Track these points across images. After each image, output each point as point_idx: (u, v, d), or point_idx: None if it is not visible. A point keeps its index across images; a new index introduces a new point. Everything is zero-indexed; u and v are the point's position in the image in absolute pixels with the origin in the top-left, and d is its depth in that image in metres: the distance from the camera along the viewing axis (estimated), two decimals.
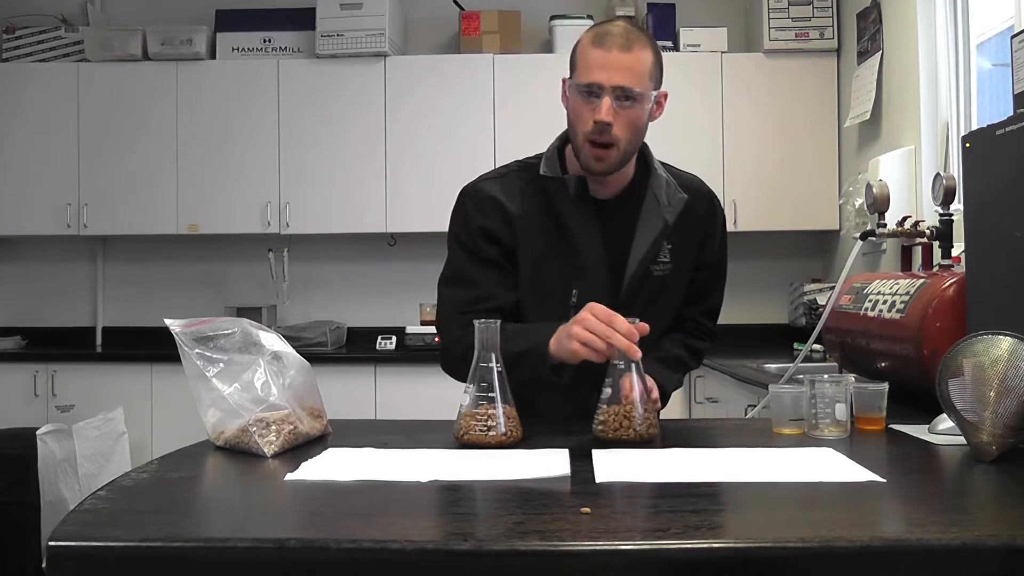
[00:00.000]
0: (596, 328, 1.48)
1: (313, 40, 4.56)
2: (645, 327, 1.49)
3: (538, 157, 1.82)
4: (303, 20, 4.61)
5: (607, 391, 1.49)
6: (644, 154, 1.81)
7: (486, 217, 1.76)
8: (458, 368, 1.68)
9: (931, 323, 1.78)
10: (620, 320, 1.48)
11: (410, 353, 4.36)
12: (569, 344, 1.51)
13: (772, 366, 3.31)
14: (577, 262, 1.74)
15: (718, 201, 1.89)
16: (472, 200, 1.80)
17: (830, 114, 4.46)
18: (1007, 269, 1.60)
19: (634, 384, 1.49)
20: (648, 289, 1.77)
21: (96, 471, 3.59)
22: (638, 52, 1.64)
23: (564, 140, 1.80)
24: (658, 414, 1.85)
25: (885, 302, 1.98)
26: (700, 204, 1.83)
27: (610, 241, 1.76)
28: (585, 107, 1.66)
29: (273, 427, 1.41)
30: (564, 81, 1.72)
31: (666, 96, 1.73)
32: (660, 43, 4.74)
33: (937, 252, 2.17)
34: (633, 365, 1.49)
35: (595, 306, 1.51)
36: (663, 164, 1.84)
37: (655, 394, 1.61)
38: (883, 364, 1.95)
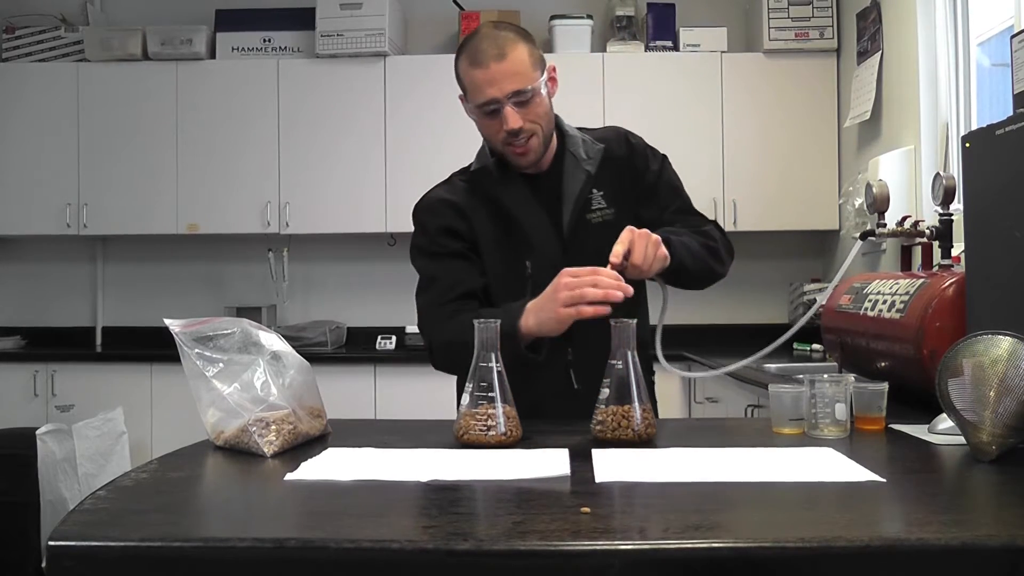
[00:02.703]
0: (580, 282, 1.52)
1: (313, 40, 4.56)
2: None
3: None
4: (303, 20, 4.61)
5: (605, 391, 1.49)
6: (558, 123, 1.87)
7: (441, 216, 1.85)
8: (445, 357, 1.76)
9: (931, 323, 1.78)
10: (602, 271, 1.52)
11: (410, 353, 4.36)
12: (555, 311, 1.54)
13: (772, 366, 3.31)
14: (524, 239, 1.80)
15: (634, 135, 1.94)
16: (424, 207, 1.89)
17: (830, 114, 4.46)
18: (1007, 269, 1.60)
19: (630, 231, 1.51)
20: (590, 237, 1.80)
21: (96, 471, 3.59)
22: (512, 53, 1.71)
23: None
24: (656, 412, 1.85)
25: (885, 302, 1.98)
26: (618, 147, 1.89)
27: (548, 207, 1.83)
28: (491, 123, 1.75)
29: (273, 427, 1.41)
30: (461, 99, 1.82)
31: (555, 68, 1.80)
32: (660, 43, 4.77)
33: (937, 252, 2.16)
34: (631, 362, 1.48)
35: (569, 270, 1.55)
36: (579, 128, 1.91)
37: (655, 236, 1.60)
38: (883, 364, 1.95)
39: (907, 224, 2.33)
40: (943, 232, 2.14)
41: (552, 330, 1.57)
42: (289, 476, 1.25)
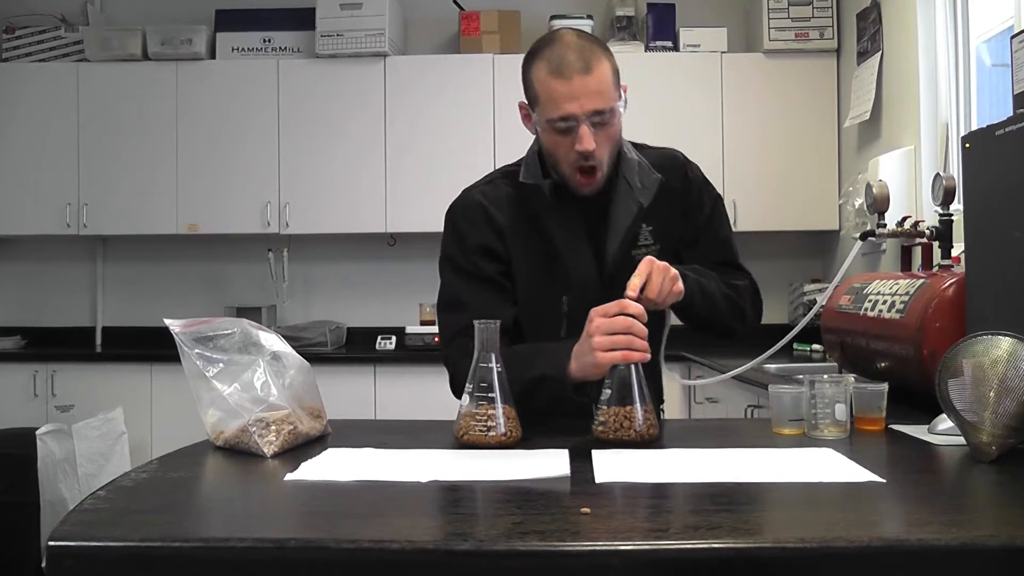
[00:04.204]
0: (614, 325, 1.46)
1: (313, 40, 4.56)
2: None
3: (520, 162, 1.78)
4: (303, 20, 4.61)
5: (606, 392, 1.49)
6: None
7: (479, 232, 1.72)
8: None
9: (931, 323, 1.78)
10: (628, 305, 1.47)
11: (410, 353, 4.36)
12: (593, 358, 1.48)
13: (772, 366, 3.31)
14: (564, 270, 1.71)
15: (693, 168, 1.83)
16: (462, 213, 1.75)
17: (830, 114, 4.46)
18: (1007, 269, 1.60)
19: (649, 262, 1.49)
20: (631, 273, 1.70)
21: (96, 471, 3.59)
22: (598, 69, 1.59)
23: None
24: (660, 413, 1.84)
25: (885, 302, 1.98)
26: (675, 179, 1.78)
27: (594, 236, 1.73)
28: (563, 140, 1.62)
29: (273, 427, 1.41)
30: (521, 106, 1.69)
31: (626, 88, 1.68)
32: (660, 43, 4.76)
33: (937, 252, 2.17)
34: (632, 366, 1.48)
35: (599, 310, 1.49)
36: (635, 145, 1.80)
37: (673, 271, 1.54)
38: (883, 364, 1.95)
39: (907, 224, 2.33)
40: (943, 232, 2.14)
41: (592, 375, 1.51)
42: (289, 476, 1.25)
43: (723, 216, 1.86)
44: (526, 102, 1.69)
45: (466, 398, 1.47)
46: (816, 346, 3.80)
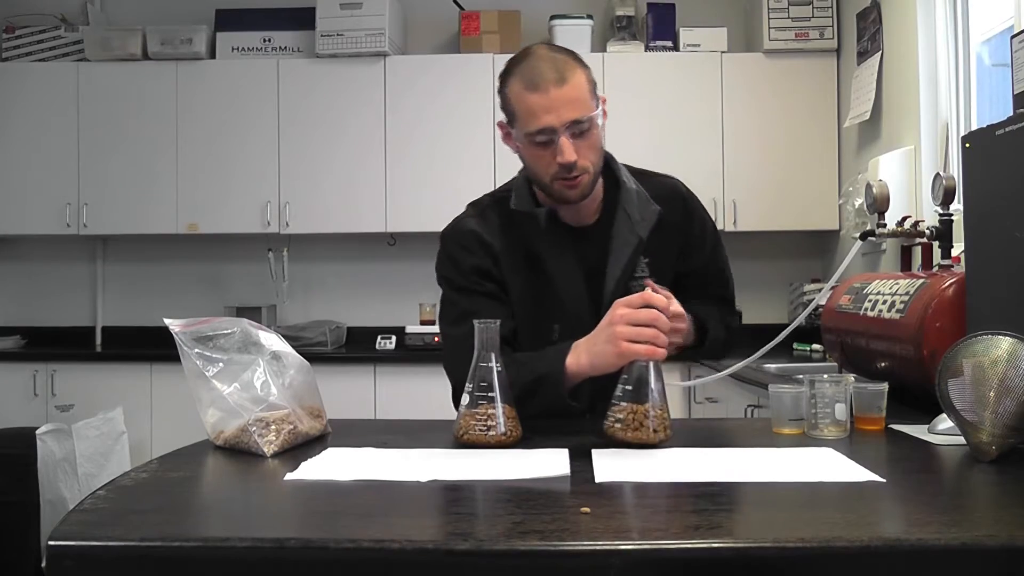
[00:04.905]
0: (639, 317, 1.44)
1: (313, 40, 4.56)
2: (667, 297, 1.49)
3: (509, 188, 1.77)
4: (303, 20, 4.61)
5: (626, 388, 1.44)
6: (612, 168, 1.75)
7: (474, 255, 1.72)
8: None
9: (931, 323, 1.78)
10: (653, 297, 1.46)
11: (410, 353, 4.36)
12: (615, 347, 1.45)
13: (772, 366, 3.31)
14: (556, 299, 1.70)
15: (694, 201, 1.82)
16: (455, 240, 1.75)
17: (830, 114, 4.46)
18: (1007, 269, 1.60)
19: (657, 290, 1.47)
20: None
21: (96, 471, 3.60)
22: (573, 79, 1.58)
23: None
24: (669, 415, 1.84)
25: (885, 302, 1.98)
26: (673, 211, 1.76)
27: (588, 266, 1.72)
28: (543, 153, 1.61)
29: (273, 427, 1.41)
30: (501, 125, 1.69)
31: (605, 100, 1.67)
32: (660, 43, 4.76)
33: (937, 252, 2.16)
34: (650, 362, 1.46)
35: (623, 301, 1.48)
36: (634, 171, 1.78)
37: (675, 306, 1.51)
38: (883, 364, 1.95)
39: (907, 224, 2.33)
40: (943, 232, 2.14)
41: (609, 366, 1.48)
42: (289, 476, 1.25)
43: (721, 248, 1.87)
44: (505, 121, 1.67)
45: (466, 398, 1.47)
46: (816, 346, 3.80)
